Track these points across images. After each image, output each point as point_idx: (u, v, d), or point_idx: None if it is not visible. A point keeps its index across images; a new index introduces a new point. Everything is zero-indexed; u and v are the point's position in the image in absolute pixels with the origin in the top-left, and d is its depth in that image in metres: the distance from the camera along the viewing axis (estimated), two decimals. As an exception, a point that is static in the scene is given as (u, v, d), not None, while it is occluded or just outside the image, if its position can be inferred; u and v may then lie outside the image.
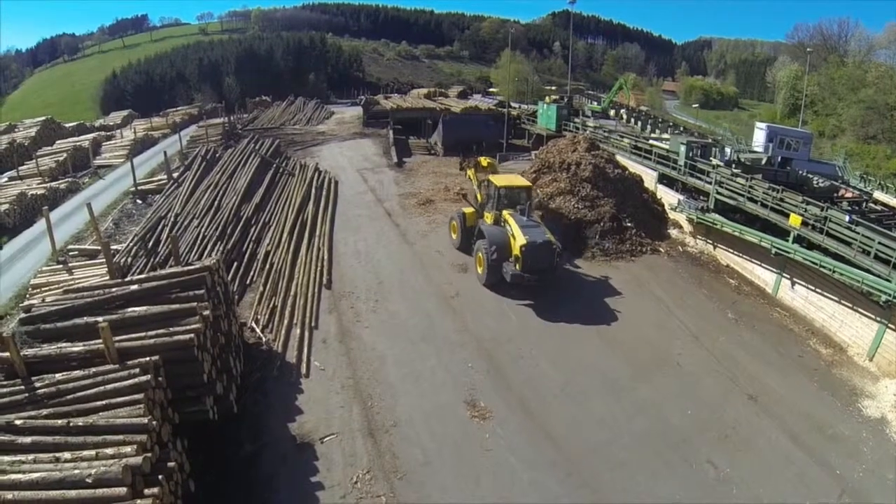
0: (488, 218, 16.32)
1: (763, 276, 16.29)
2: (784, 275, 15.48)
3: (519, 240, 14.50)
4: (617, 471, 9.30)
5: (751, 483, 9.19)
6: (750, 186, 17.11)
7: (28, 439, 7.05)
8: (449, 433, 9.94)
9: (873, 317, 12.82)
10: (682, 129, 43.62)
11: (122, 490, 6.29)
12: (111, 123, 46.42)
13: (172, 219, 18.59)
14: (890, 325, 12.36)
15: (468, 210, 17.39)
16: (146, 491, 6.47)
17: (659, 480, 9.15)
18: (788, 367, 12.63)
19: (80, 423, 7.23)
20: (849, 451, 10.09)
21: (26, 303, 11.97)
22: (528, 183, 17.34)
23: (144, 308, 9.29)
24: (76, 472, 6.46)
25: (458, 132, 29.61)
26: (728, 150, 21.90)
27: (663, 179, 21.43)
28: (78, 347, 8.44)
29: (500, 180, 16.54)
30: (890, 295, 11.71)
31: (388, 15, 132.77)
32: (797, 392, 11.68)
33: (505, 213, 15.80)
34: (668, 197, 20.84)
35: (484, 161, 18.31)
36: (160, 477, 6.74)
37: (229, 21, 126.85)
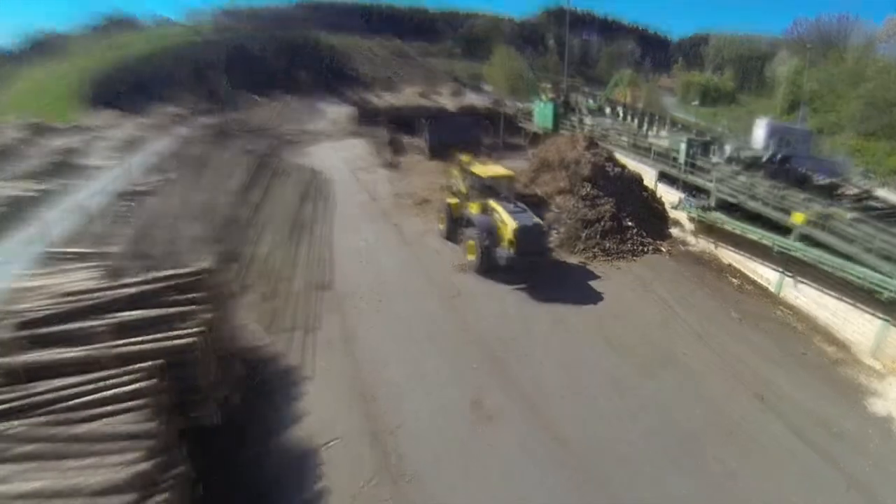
0: (474, 207, 16.80)
1: (766, 274, 16.28)
2: (786, 273, 15.47)
3: (510, 225, 14.91)
4: (624, 467, 9.26)
5: (757, 478, 9.18)
6: (751, 184, 17.13)
7: (29, 447, 6.85)
8: (455, 432, 9.85)
9: (877, 314, 12.83)
10: (679, 126, 43.59)
11: (131, 497, 6.15)
12: (100, 123, 45.70)
13: (166, 220, 18.28)
14: (894, 322, 12.39)
15: (453, 201, 18.02)
16: (155, 497, 6.31)
17: (666, 476, 9.11)
18: (793, 365, 12.62)
19: (84, 430, 7.04)
20: (854, 447, 10.08)
21: (17, 307, 11.66)
22: (510, 172, 18.14)
23: (143, 311, 9.10)
24: (81, 479, 6.29)
25: (443, 135, 29.31)
26: (728, 147, 21.91)
27: (663, 177, 21.38)
28: (75, 352, 8.23)
29: (482, 171, 17.31)
30: (893, 292, 11.73)
31: (381, 13, 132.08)
32: (802, 389, 11.67)
33: (491, 201, 16.25)
34: (668, 195, 20.80)
35: (465, 158, 18.97)
36: (168, 483, 6.57)
37: (220, 19, 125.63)
